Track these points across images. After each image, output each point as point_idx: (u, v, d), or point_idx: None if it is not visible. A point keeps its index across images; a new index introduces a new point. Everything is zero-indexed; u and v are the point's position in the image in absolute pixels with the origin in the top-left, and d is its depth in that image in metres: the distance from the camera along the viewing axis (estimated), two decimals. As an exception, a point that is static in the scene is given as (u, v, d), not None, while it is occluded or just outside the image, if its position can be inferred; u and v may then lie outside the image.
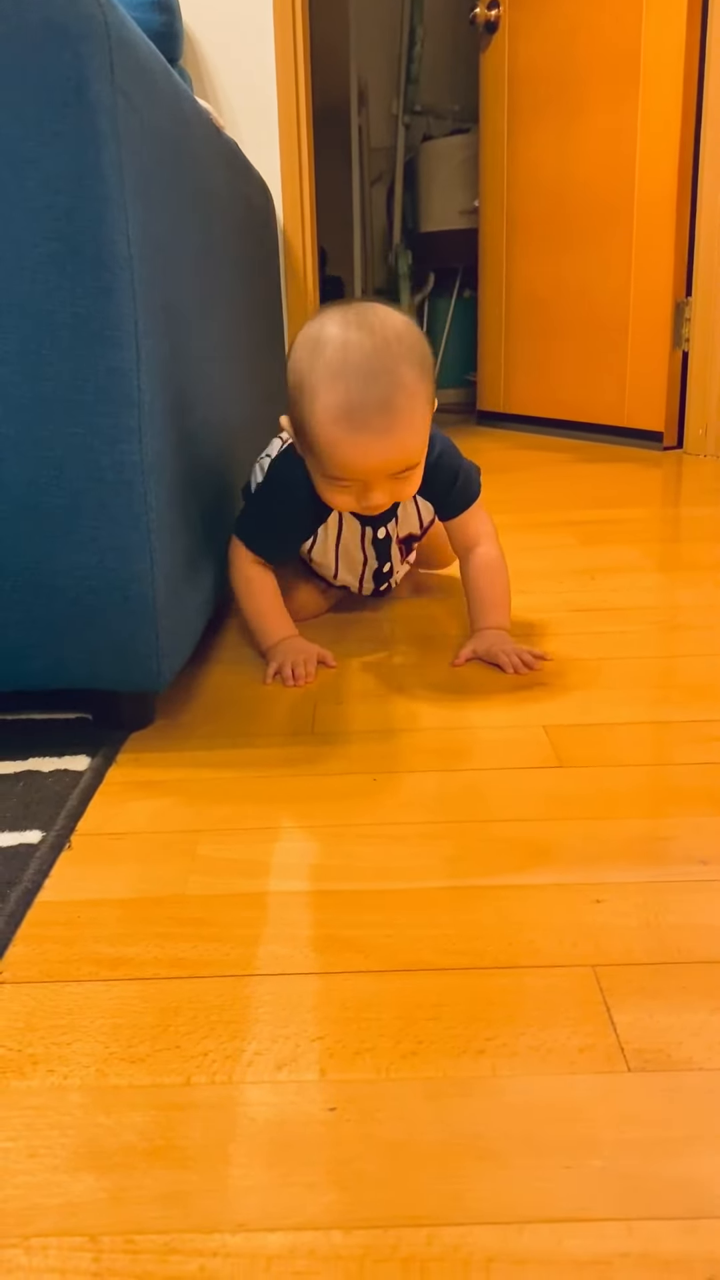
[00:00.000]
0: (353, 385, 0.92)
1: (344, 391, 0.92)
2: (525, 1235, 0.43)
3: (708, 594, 1.33)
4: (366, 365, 0.92)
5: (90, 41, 0.74)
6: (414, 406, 0.94)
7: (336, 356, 0.93)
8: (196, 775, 0.86)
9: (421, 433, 0.97)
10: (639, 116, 2.43)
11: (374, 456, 0.95)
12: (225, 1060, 0.53)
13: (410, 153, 3.88)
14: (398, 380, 0.92)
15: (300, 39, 2.36)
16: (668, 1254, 0.42)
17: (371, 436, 0.93)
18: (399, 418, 0.93)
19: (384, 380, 0.92)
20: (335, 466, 0.97)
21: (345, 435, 0.93)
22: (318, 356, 0.94)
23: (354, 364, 0.92)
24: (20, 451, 0.82)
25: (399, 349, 0.93)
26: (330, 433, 0.94)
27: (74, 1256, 0.42)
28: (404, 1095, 0.51)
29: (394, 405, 0.92)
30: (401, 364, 0.92)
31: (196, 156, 1.14)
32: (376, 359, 0.92)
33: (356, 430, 0.93)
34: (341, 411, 0.92)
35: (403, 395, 0.92)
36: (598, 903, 0.66)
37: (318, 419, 0.94)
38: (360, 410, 0.92)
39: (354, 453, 0.94)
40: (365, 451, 0.94)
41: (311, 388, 0.94)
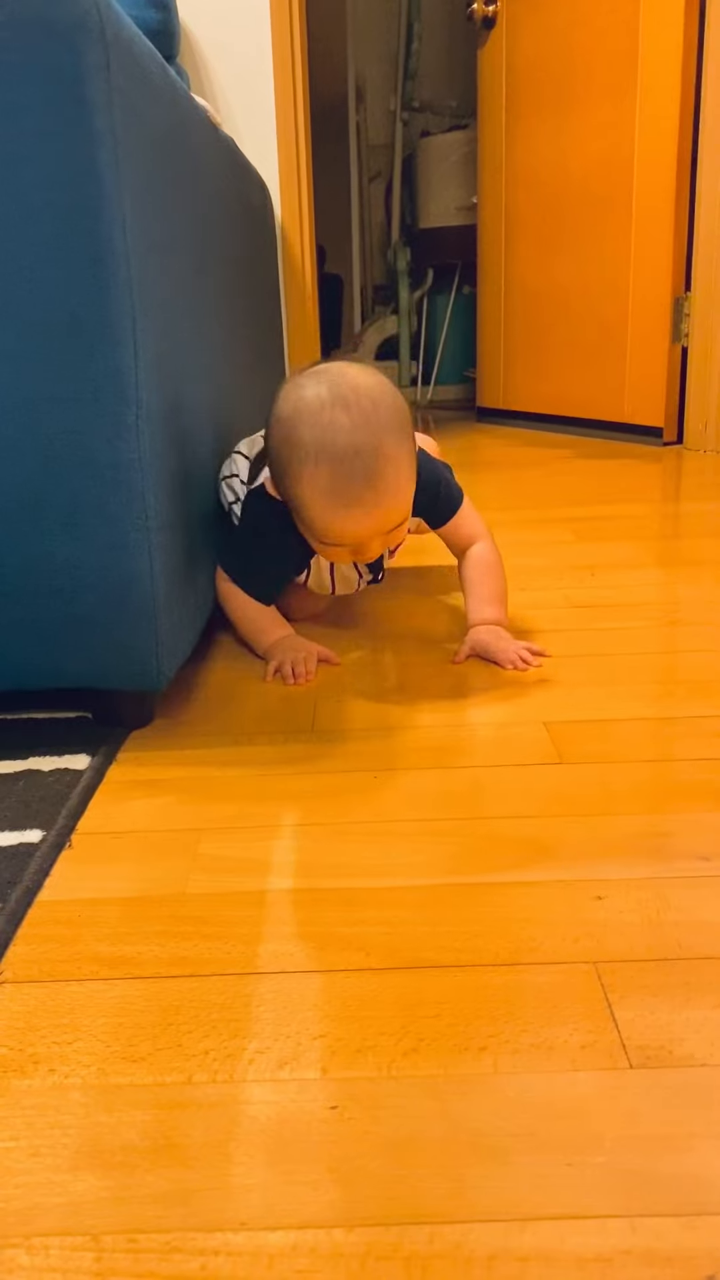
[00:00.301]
0: (338, 467, 0.92)
1: (329, 475, 0.93)
2: (527, 1232, 0.43)
3: (708, 589, 1.33)
4: (349, 444, 0.92)
5: (86, 39, 0.74)
6: (399, 472, 0.94)
7: (315, 437, 0.93)
8: (197, 774, 0.86)
9: (408, 492, 0.97)
10: (637, 111, 2.42)
11: (365, 527, 0.96)
12: (226, 1059, 0.53)
13: (408, 149, 3.87)
14: (381, 452, 0.92)
15: (297, 36, 2.36)
16: (670, 1250, 0.42)
17: (361, 511, 0.94)
18: (386, 488, 0.93)
19: (367, 456, 0.92)
20: (330, 538, 0.98)
21: (334, 513, 0.95)
22: (297, 434, 0.94)
23: (337, 445, 0.92)
24: (18, 450, 0.82)
25: (376, 419, 0.93)
26: (319, 512, 0.95)
27: (76, 1256, 0.42)
28: (405, 1093, 0.51)
29: (380, 477, 0.93)
30: (382, 435, 0.93)
31: (194, 154, 1.13)
32: (357, 436, 0.92)
33: (346, 508, 0.94)
34: (328, 493, 0.93)
35: (388, 466, 0.93)
36: (599, 899, 0.66)
37: (305, 499, 0.96)
38: (347, 490, 0.93)
39: (346, 526, 0.96)
40: (356, 524, 0.95)
41: (294, 469, 0.95)
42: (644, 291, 2.51)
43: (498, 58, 2.82)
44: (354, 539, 0.98)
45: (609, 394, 2.68)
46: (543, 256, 2.81)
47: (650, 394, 2.56)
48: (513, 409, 3.05)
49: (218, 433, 1.17)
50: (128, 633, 0.87)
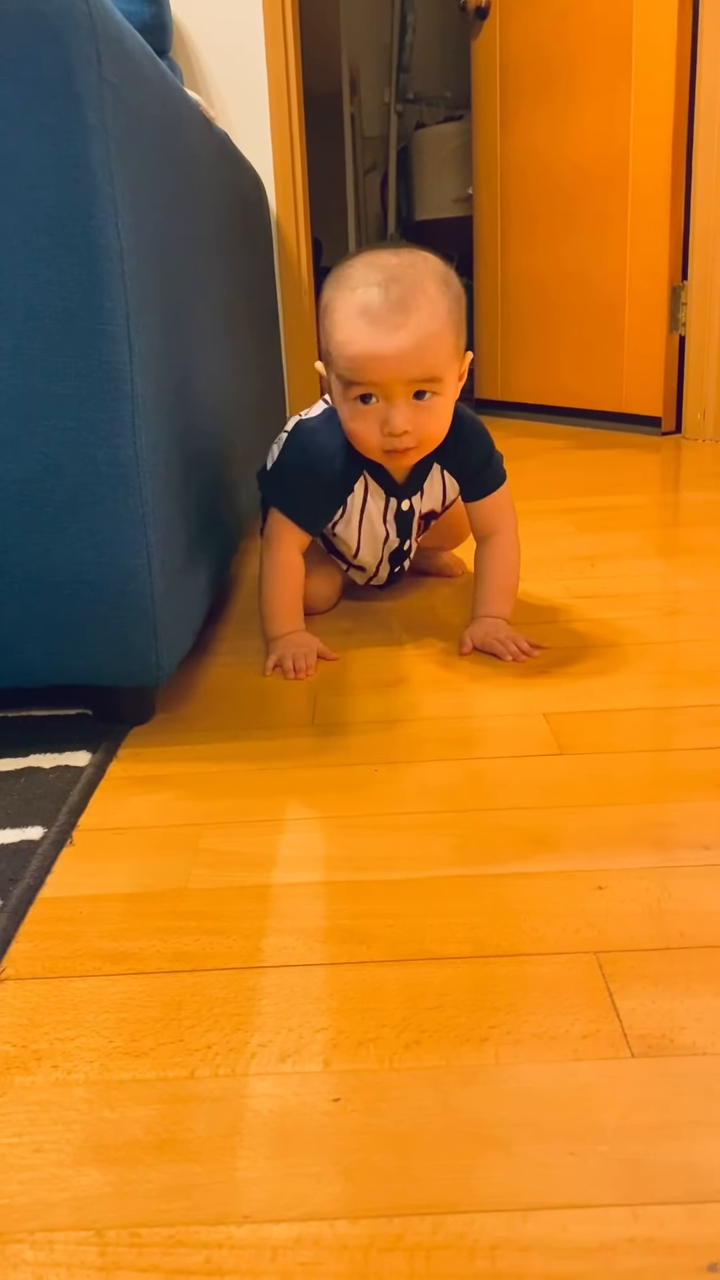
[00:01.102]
0: (372, 287, 0.94)
1: (362, 292, 0.94)
2: (530, 1222, 0.43)
3: (708, 579, 1.33)
4: (388, 271, 0.94)
5: (76, 33, 0.74)
6: (434, 312, 0.94)
7: (360, 270, 0.96)
8: (197, 769, 0.86)
9: (444, 340, 0.96)
10: (632, 100, 2.42)
11: (389, 352, 0.94)
12: (229, 1053, 0.53)
13: (403, 141, 3.86)
14: (418, 285, 0.93)
15: (290, 29, 2.35)
16: (672, 1238, 0.42)
17: (387, 331, 0.93)
18: (417, 316, 0.93)
19: (404, 283, 0.93)
20: (352, 368, 0.96)
21: (361, 331, 0.94)
22: (342, 277, 0.97)
23: (376, 270, 0.95)
24: (14, 447, 0.81)
25: (425, 267, 0.95)
26: (346, 330, 0.95)
27: (80, 1251, 0.43)
28: (408, 1085, 0.51)
29: (412, 304, 0.93)
30: (426, 277, 0.94)
31: (187, 148, 1.13)
32: (399, 267, 0.94)
33: (372, 325, 0.94)
34: (358, 308, 0.94)
35: (423, 298, 0.93)
36: (600, 889, 0.66)
37: (336, 322, 0.96)
38: (377, 306, 0.93)
39: (370, 348, 0.94)
40: (379, 347, 0.94)
41: (335, 302, 0.97)
42: (641, 281, 2.51)
43: (491, 48, 2.81)
44: (378, 371, 0.95)
45: (607, 384, 2.67)
46: (539, 247, 2.80)
47: (648, 383, 2.56)
48: (511, 400, 3.05)
49: (215, 428, 1.17)
50: (127, 629, 0.87)
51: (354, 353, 0.95)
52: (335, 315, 0.97)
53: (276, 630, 1.11)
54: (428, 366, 0.96)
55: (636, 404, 2.60)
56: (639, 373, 2.58)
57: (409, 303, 0.93)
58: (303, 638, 1.11)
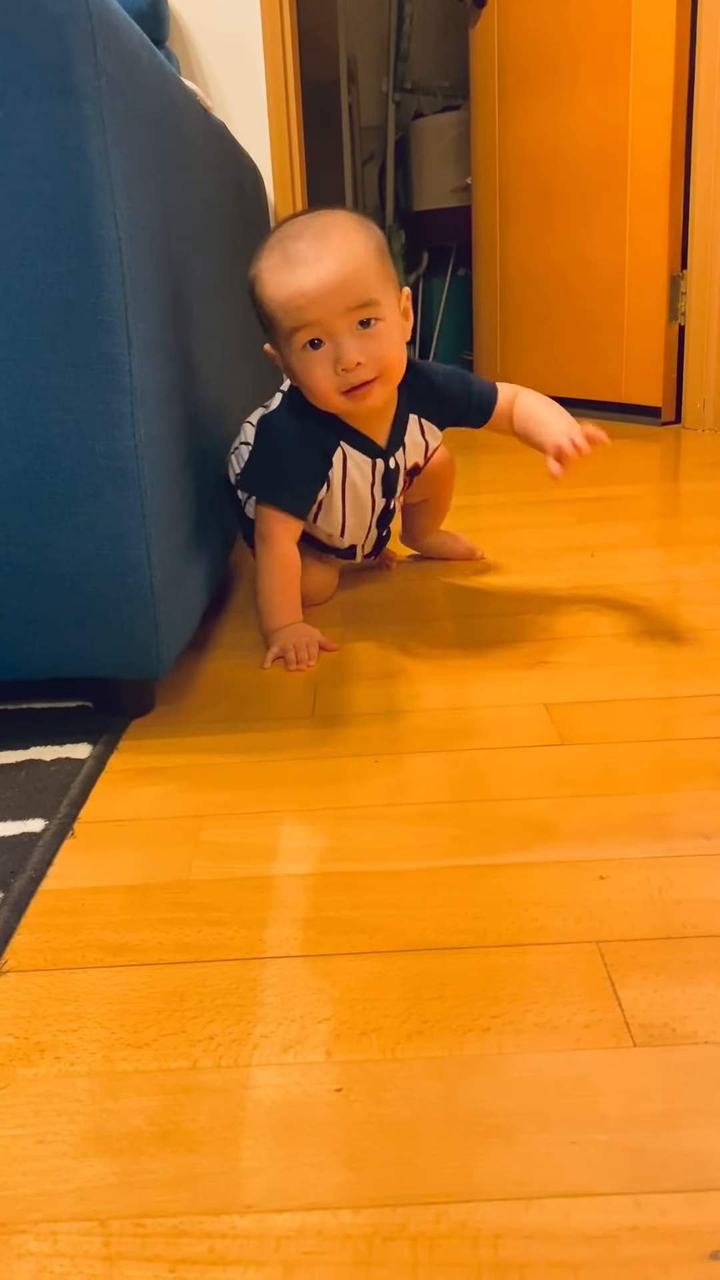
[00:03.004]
0: (287, 239, 0.98)
1: (279, 247, 0.98)
2: (533, 1210, 0.43)
3: (708, 569, 1.33)
4: (297, 224, 0.99)
5: (72, 23, 0.73)
6: (349, 239, 0.97)
7: (272, 237, 1.00)
8: (198, 761, 0.86)
9: (369, 268, 0.97)
10: (631, 89, 2.40)
11: (315, 285, 0.95)
12: (232, 1043, 0.53)
13: (401, 131, 3.84)
14: (331, 223, 0.98)
15: (288, 18, 2.34)
16: (674, 1226, 0.42)
17: (309, 265, 0.96)
18: (333, 245, 0.96)
19: (315, 226, 0.97)
20: (288, 312, 0.97)
21: (285, 274, 0.96)
22: (260, 248, 1.01)
23: (289, 226, 0.99)
24: (12, 439, 0.81)
25: (335, 214, 0.99)
26: (272, 281, 0.98)
27: (84, 1241, 0.43)
28: (410, 1074, 0.51)
29: (327, 236, 0.96)
30: (337, 217, 0.98)
31: (184, 138, 1.13)
32: (307, 219, 0.99)
33: (293, 265, 0.96)
34: (278, 259, 0.97)
35: (336, 231, 0.97)
36: (602, 879, 0.66)
37: (263, 282, 0.99)
38: (296, 245, 0.96)
39: (297, 287, 0.96)
40: (305, 281, 0.96)
41: (256, 269, 1.00)
42: (640, 270, 2.50)
43: (490, 37, 2.80)
44: (311, 308, 0.96)
45: (606, 374, 2.67)
46: (538, 237, 2.79)
47: (648, 374, 2.55)
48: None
49: (213, 419, 1.17)
50: (126, 621, 0.87)
51: (285, 295, 0.97)
52: (261, 277, 0.99)
53: (276, 623, 1.11)
54: (358, 290, 0.97)
55: (636, 394, 2.59)
56: (638, 363, 2.57)
57: (323, 237, 0.96)
58: (303, 629, 1.10)
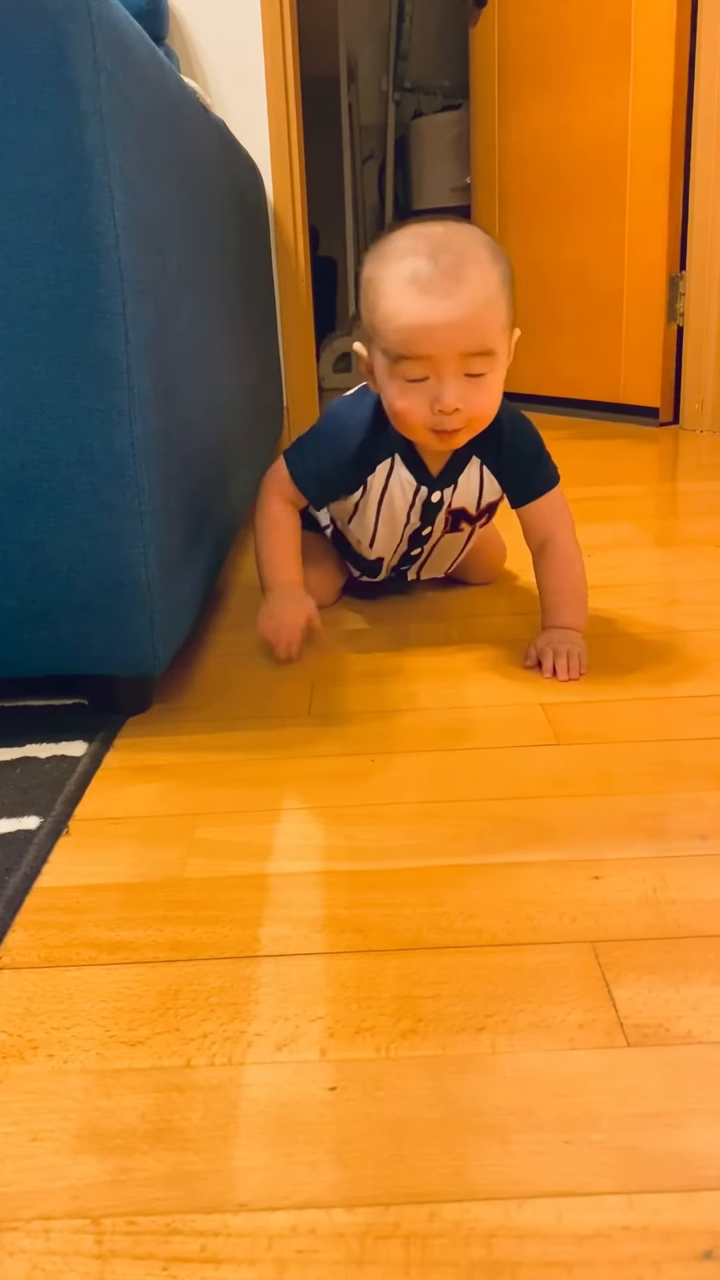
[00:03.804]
0: (420, 256, 0.90)
1: (410, 261, 0.91)
2: (526, 1210, 0.43)
3: (705, 569, 1.33)
4: (435, 240, 0.91)
5: (72, 19, 0.73)
6: (486, 281, 0.90)
7: (405, 240, 0.92)
8: (194, 759, 0.86)
9: (497, 311, 0.92)
10: (631, 90, 2.41)
11: (441, 324, 0.90)
12: (225, 1042, 0.53)
13: (401, 130, 3.84)
14: (469, 252, 0.90)
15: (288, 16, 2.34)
16: (667, 1226, 0.42)
17: (437, 299, 0.89)
18: (468, 285, 0.89)
19: (454, 251, 0.90)
20: (402, 340, 0.92)
21: (412, 301, 0.90)
22: (388, 249, 0.93)
23: (422, 240, 0.91)
24: (10, 436, 0.81)
25: (474, 237, 0.92)
26: (394, 300, 0.91)
27: (76, 1239, 0.43)
28: (404, 1073, 0.51)
29: (464, 274, 0.89)
30: (476, 244, 0.91)
31: (184, 136, 1.13)
32: (445, 235, 0.91)
33: (422, 293, 0.90)
34: (407, 277, 0.90)
35: (474, 266, 0.90)
36: (596, 879, 0.66)
37: (384, 296, 0.92)
38: (429, 275, 0.90)
39: (421, 320, 0.90)
40: (431, 315, 0.90)
41: (379, 275, 0.93)
42: (639, 271, 2.50)
43: (490, 37, 2.80)
44: (429, 342, 0.91)
45: (605, 374, 2.67)
46: (537, 237, 2.79)
47: (646, 374, 2.55)
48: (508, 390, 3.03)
49: (212, 417, 1.16)
50: (123, 619, 0.87)
51: (404, 323, 0.91)
52: (381, 287, 0.93)
53: (269, 581, 1.07)
54: (482, 337, 0.92)
55: (634, 394, 2.59)
56: (637, 363, 2.57)
57: (460, 270, 0.89)
58: (293, 595, 1.05)
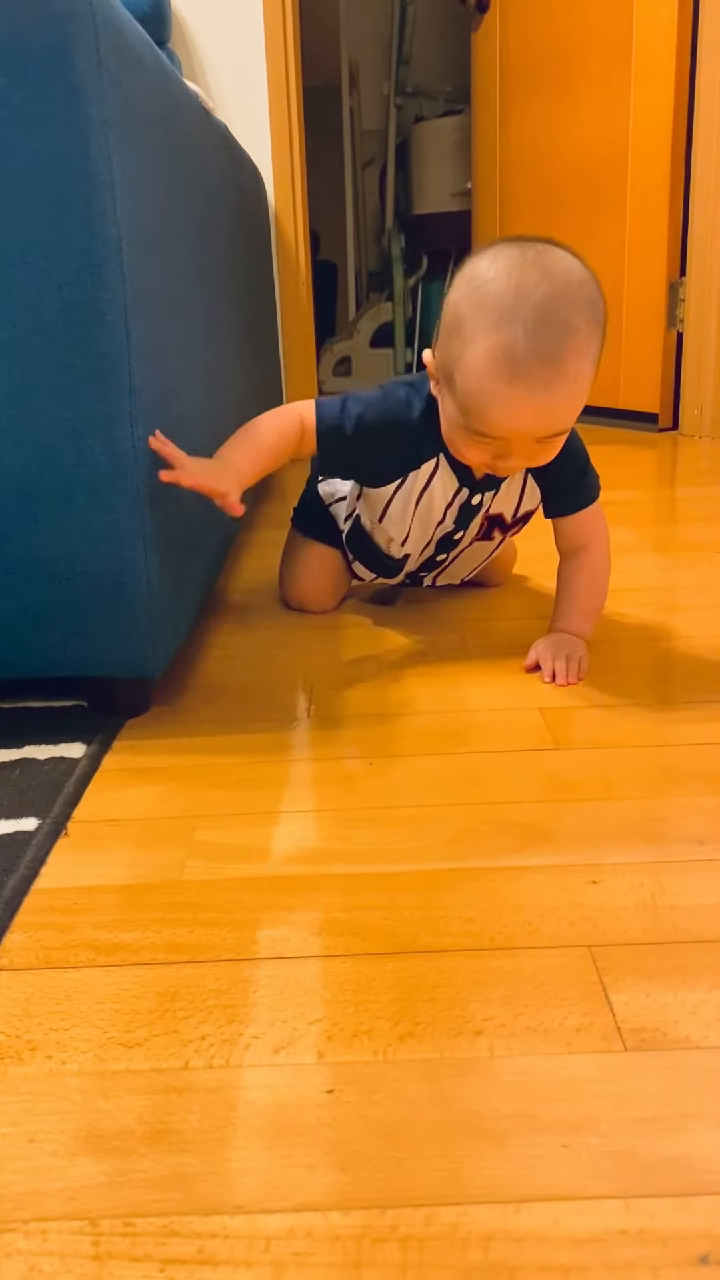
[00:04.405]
0: (519, 330, 0.82)
1: (509, 336, 0.82)
2: (523, 1214, 0.43)
3: (704, 575, 1.33)
4: (539, 311, 0.82)
5: (75, 23, 0.73)
6: (582, 366, 0.85)
7: (506, 296, 0.83)
8: (193, 761, 0.86)
9: (583, 396, 0.87)
10: (632, 95, 2.41)
11: (527, 414, 0.86)
12: (223, 1044, 0.53)
13: (402, 135, 3.85)
14: (571, 333, 0.83)
15: (290, 20, 2.34)
16: (664, 1230, 0.42)
17: (530, 391, 0.84)
18: (565, 374, 0.84)
19: (556, 330, 0.82)
20: (481, 421, 0.88)
21: (501, 386, 0.84)
22: (483, 294, 0.84)
23: (525, 308, 0.82)
24: (11, 438, 0.81)
25: (578, 299, 0.83)
26: (484, 382, 0.85)
27: (73, 1240, 0.43)
28: (402, 1076, 0.51)
29: (562, 360, 0.83)
30: (578, 316, 0.83)
31: (186, 139, 1.13)
32: (551, 306, 0.82)
33: (515, 380, 0.83)
34: (502, 358, 0.83)
35: (573, 351, 0.83)
36: (594, 883, 0.66)
37: (471, 364, 0.85)
38: (525, 360, 0.82)
39: (507, 407, 0.85)
40: (519, 407, 0.85)
41: (470, 328, 0.85)
42: (639, 276, 2.51)
43: (491, 42, 2.81)
44: (510, 429, 0.87)
45: (605, 380, 2.67)
46: (537, 242, 2.80)
47: (646, 380, 2.56)
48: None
49: (212, 419, 1.17)
50: (123, 621, 0.87)
51: (487, 406, 0.86)
52: (468, 346, 0.85)
53: (221, 450, 0.98)
54: (565, 423, 0.89)
55: (634, 400, 2.60)
56: (636, 369, 2.58)
57: (559, 356, 0.83)
58: (223, 467, 0.95)
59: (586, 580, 1.06)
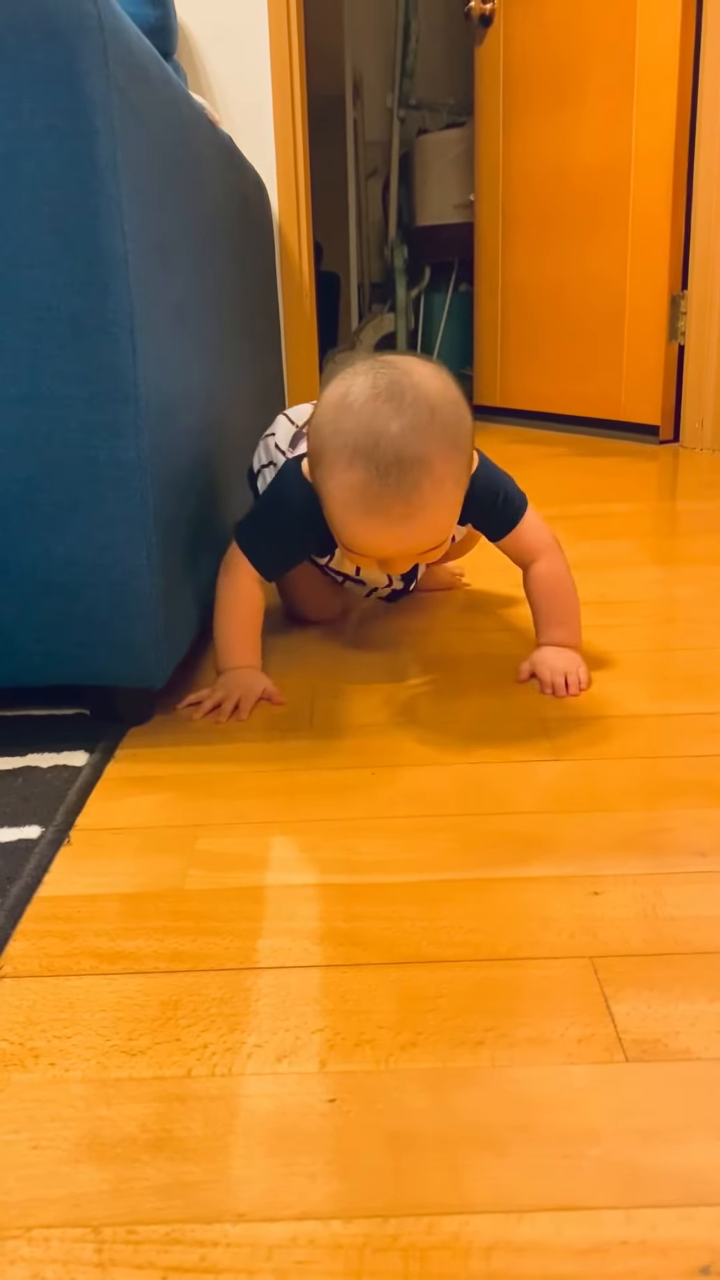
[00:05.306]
0: (372, 469, 0.83)
1: (362, 474, 0.84)
2: (524, 1224, 0.43)
3: (704, 587, 1.33)
4: (391, 448, 0.83)
5: (84, 36, 0.74)
6: (440, 495, 0.85)
7: (358, 433, 0.84)
8: (195, 770, 0.86)
9: (449, 515, 0.89)
10: (634, 109, 2.42)
11: (390, 542, 0.88)
12: (225, 1052, 0.54)
13: (405, 147, 3.86)
14: (425, 467, 0.83)
15: (295, 33, 2.36)
16: (665, 1241, 0.42)
17: (387, 527, 0.86)
18: (422, 508, 0.85)
19: (408, 467, 0.83)
20: (350, 544, 0.90)
21: (360, 520, 0.86)
22: (340, 424, 0.86)
23: (377, 448, 0.83)
24: (17, 448, 0.82)
25: (430, 429, 0.84)
26: (345, 514, 0.87)
27: (76, 1247, 0.43)
28: (403, 1086, 0.51)
29: (417, 495, 0.84)
30: (431, 445, 0.84)
31: (192, 151, 1.14)
32: (403, 441, 0.83)
33: (372, 518, 0.85)
34: (357, 495, 0.85)
35: (428, 483, 0.84)
36: (596, 894, 0.66)
37: (333, 495, 0.87)
38: (380, 498, 0.84)
39: (370, 536, 0.88)
40: (381, 536, 0.87)
41: (330, 459, 0.86)
42: (641, 289, 2.51)
43: (495, 56, 2.82)
44: (378, 553, 0.91)
45: (606, 392, 2.68)
46: (540, 254, 2.81)
47: (647, 392, 2.56)
48: (509, 407, 3.05)
49: (217, 430, 1.17)
50: (127, 630, 0.87)
51: (352, 533, 0.88)
52: (329, 481, 0.87)
53: (225, 663, 1.02)
54: (432, 544, 0.91)
55: (635, 412, 2.61)
56: (638, 381, 2.58)
57: (413, 493, 0.84)
58: (249, 676, 1.01)
59: (549, 589, 1.06)
